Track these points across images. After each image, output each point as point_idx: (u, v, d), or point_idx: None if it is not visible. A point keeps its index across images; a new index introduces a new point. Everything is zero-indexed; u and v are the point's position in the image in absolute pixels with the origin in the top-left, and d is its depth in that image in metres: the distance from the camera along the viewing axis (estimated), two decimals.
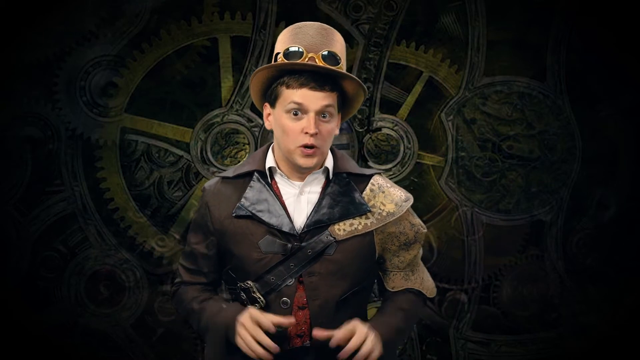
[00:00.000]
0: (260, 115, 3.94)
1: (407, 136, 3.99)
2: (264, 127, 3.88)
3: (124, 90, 3.92)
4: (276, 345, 2.14)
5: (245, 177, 2.33)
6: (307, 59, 2.23)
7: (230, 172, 2.37)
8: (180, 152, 3.99)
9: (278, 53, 2.28)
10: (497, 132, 4.00)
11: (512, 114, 3.99)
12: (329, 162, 2.33)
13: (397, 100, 3.97)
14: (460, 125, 3.99)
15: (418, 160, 4.00)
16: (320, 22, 2.33)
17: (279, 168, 2.31)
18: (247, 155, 3.95)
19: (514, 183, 4.00)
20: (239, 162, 3.94)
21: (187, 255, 2.41)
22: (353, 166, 2.37)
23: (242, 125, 3.96)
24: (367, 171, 2.38)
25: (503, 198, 4.01)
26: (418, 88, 3.98)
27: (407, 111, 3.99)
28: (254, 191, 2.29)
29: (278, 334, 2.18)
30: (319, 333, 2.17)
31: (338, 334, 2.17)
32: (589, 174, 4.01)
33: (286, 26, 3.83)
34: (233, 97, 3.94)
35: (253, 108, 3.95)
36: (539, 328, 4.05)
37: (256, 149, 3.93)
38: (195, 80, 3.97)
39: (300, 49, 2.24)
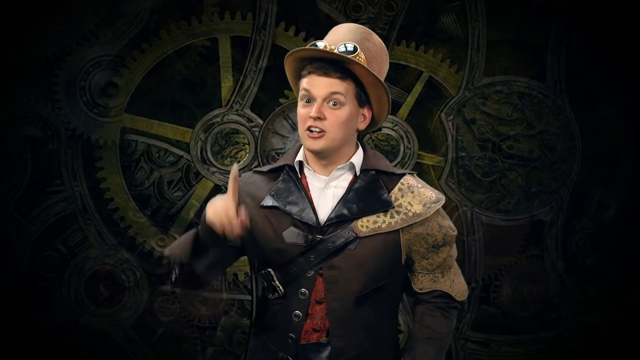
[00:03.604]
0: (260, 115, 3.95)
1: (407, 136, 3.99)
2: (264, 127, 3.90)
3: (124, 90, 3.92)
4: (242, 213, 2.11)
5: (277, 172, 2.36)
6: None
7: (265, 168, 2.40)
8: (180, 152, 3.98)
9: None
10: (497, 132, 4.00)
11: (512, 114, 3.99)
12: (357, 158, 2.32)
13: (397, 100, 3.97)
14: (460, 125, 3.99)
15: (418, 160, 4.00)
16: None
17: (307, 163, 2.32)
18: (247, 155, 3.95)
19: (514, 183, 4.00)
20: (239, 162, 3.94)
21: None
22: (384, 164, 2.35)
23: (242, 125, 3.95)
24: (399, 170, 2.36)
25: (503, 198, 4.01)
26: (418, 88, 3.98)
27: (407, 111, 3.99)
28: (283, 184, 2.32)
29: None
30: None
31: None
32: (589, 174, 4.01)
33: (286, 26, 3.88)
34: (233, 97, 3.94)
35: (253, 108, 3.95)
36: (539, 328, 4.04)
37: (256, 149, 3.94)
38: (195, 80, 3.97)
39: (322, 43, 2.24)
